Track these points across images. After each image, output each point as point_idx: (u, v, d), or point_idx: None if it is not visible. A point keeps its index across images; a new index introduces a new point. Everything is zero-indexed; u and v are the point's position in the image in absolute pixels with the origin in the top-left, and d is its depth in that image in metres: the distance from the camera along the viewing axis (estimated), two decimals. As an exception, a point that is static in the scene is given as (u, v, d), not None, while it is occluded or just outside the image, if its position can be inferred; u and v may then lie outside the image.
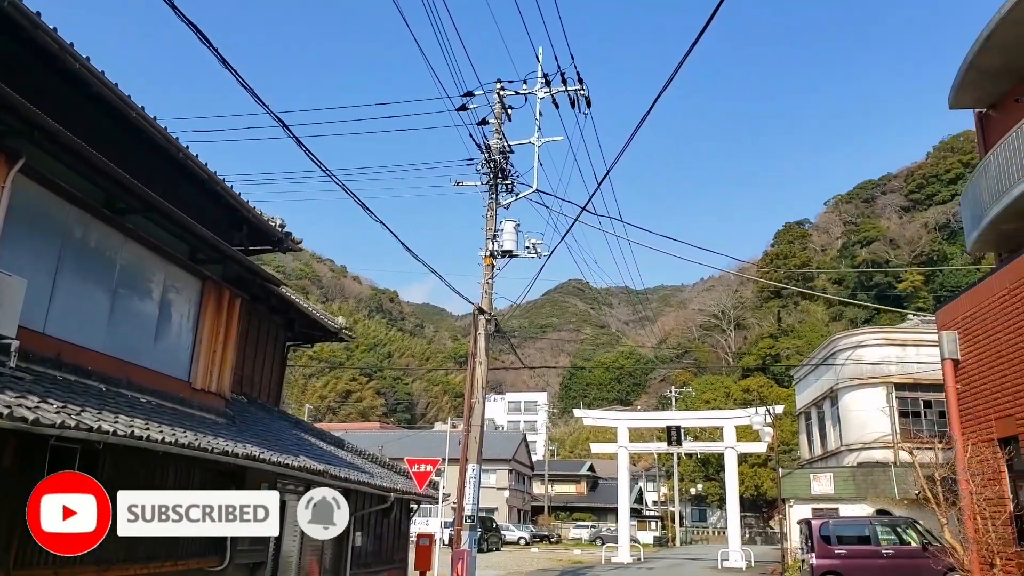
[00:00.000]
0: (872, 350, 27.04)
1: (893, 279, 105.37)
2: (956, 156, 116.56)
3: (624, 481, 36.35)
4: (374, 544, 16.38)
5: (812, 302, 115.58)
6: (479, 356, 19.88)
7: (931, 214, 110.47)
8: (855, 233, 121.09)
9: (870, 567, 17.50)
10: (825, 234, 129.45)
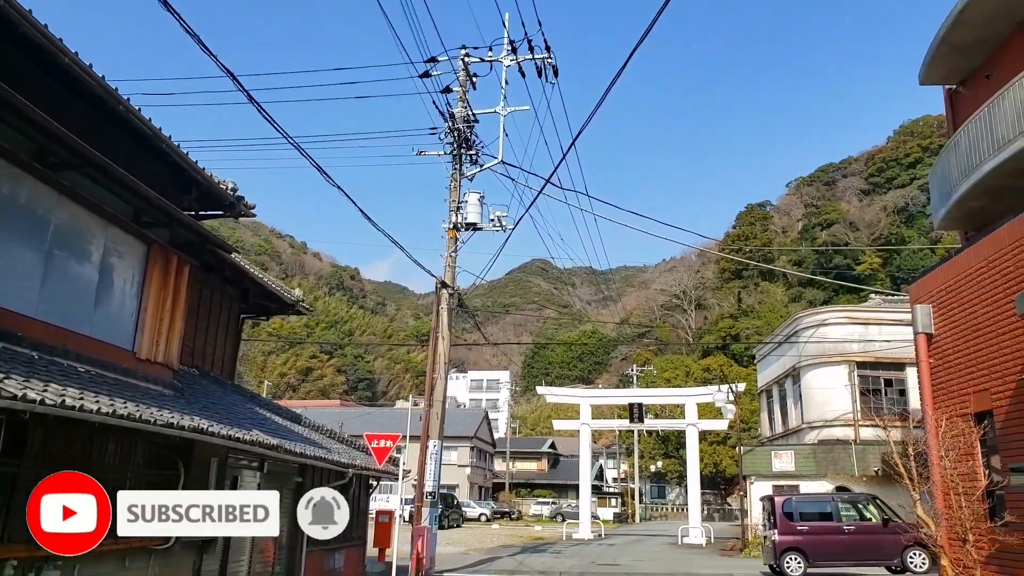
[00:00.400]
0: (835, 328, 27.13)
1: (852, 261, 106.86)
2: (916, 140, 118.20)
3: (586, 458, 36.30)
4: (331, 521, 15.91)
5: (772, 283, 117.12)
6: (441, 331, 19.45)
7: (890, 197, 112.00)
8: (816, 215, 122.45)
9: (832, 543, 17.51)
10: (786, 216, 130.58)
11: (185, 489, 9.69)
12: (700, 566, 21.91)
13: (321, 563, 15.29)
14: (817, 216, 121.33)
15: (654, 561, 23.56)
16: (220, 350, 16.24)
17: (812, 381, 27.50)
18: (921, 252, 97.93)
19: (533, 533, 38.88)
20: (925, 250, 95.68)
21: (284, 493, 13.73)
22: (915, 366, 26.51)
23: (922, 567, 17.23)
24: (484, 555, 24.48)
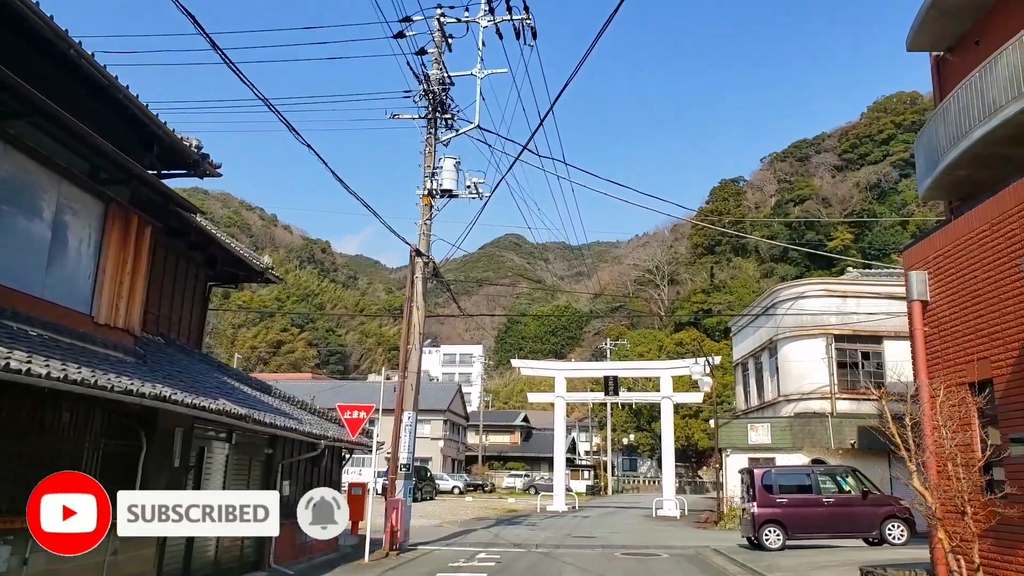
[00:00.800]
0: (813, 301, 26.99)
1: (824, 237, 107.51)
2: (889, 117, 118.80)
3: (560, 431, 36.10)
4: (303, 494, 15.42)
5: (744, 258, 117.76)
6: (416, 301, 18.96)
7: (863, 174, 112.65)
8: (789, 191, 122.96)
9: (811, 515, 17.39)
10: (759, 192, 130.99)
11: (147, 460, 9.19)
12: (676, 538, 21.79)
13: (293, 536, 14.82)
14: (790, 192, 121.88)
15: (629, 533, 23.44)
16: (186, 318, 15.62)
17: (789, 354, 27.40)
18: (892, 228, 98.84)
19: (507, 505, 38.75)
20: (896, 226, 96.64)
21: (254, 464, 13.27)
22: (893, 339, 26.58)
23: (900, 539, 17.20)
24: (459, 528, 24.21)
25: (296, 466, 14.97)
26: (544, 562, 15.28)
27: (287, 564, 14.08)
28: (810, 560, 15.09)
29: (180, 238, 14.46)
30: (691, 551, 18.04)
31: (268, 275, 17.64)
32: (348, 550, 17.24)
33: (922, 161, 17.84)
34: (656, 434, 78.21)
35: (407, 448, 18.20)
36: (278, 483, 13.81)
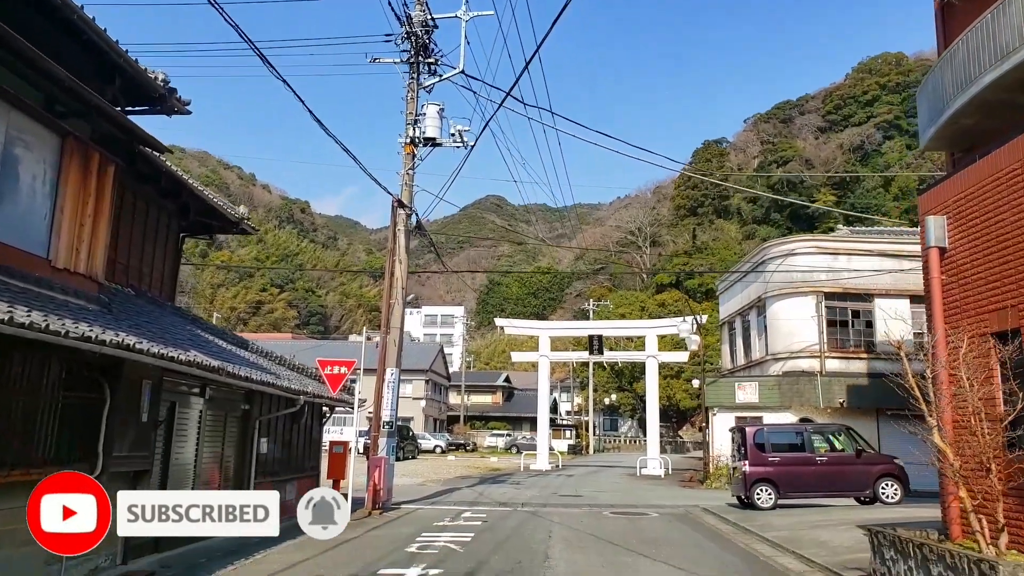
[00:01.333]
0: (803, 258, 26.52)
1: (807, 199, 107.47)
2: (874, 78, 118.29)
3: (544, 390, 35.74)
4: (282, 452, 14.89)
5: (726, 220, 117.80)
6: (399, 254, 18.26)
7: (846, 135, 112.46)
8: (772, 152, 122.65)
9: (803, 474, 17.06)
10: (742, 153, 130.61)
11: (111, 414, 8.52)
12: (663, 497, 21.51)
13: (271, 496, 14.32)
14: (773, 153, 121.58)
15: (615, 492, 23.15)
16: (158, 269, 14.86)
17: (778, 312, 26.99)
18: (875, 190, 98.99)
19: (490, 464, 38.49)
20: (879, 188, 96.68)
21: (230, 421, 12.63)
22: (884, 297, 26.24)
23: (893, 498, 16.93)
24: (442, 486, 23.81)
25: (275, 423, 14.37)
26: (531, 521, 14.85)
27: (265, 524, 13.55)
28: (805, 519, 14.76)
29: (150, 184, 13.65)
30: (680, 510, 17.72)
31: (244, 225, 16.84)
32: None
33: (925, 110, 17.24)
34: (638, 394, 78.65)
35: (390, 405, 17.64)
36: (255, 440, 13.21)
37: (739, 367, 31.45)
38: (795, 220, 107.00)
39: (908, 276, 26.17)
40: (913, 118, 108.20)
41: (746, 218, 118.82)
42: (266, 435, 13.87)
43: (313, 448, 16.95)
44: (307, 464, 16.50)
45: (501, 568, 9.48)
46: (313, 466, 16.98)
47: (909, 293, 26.20)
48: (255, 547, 10.81)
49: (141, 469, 9.05)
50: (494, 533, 12.86)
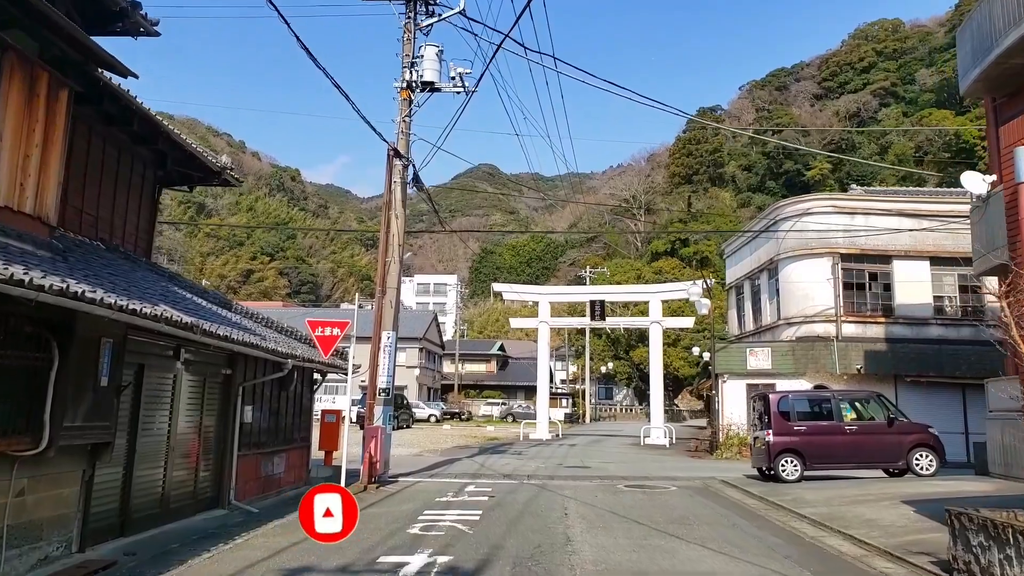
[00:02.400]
0: (818, 218, 25.23)
1: (802, 166, 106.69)
2: (871, 44, 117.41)
3: (544, 358, 34.56)
4: (269, 421, 13.59)
5: (721, 188, 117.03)
6: (395, 208, 16.87)
7: (842, 102, 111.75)
8: (767, 120, 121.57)
9: (831, 444, 15.88)
10: (737, 120, 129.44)
11: (60, 378, 7.17)
12: (675, 468, 20.38)
13: (258, 468, 13.06)
14: (768, 120, 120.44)
15: (624, 463, 22.01)
16: (132, 222, 13.43)
17: (792, 274, 25.74)
18: (872, 158, 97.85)
19: (487, 434, 37.39)
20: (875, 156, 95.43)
21: (209, 386, 11.30)
22: (903, 258, 25.02)
23: (928, 469, 15.79)
24: (440, 457, 22.63)
25: (260, 389, 13.05)
26: (542, 496, 13.65)
27: (251, 500, 12.30)
28: (839, 494, 13.59)
29: (121, 127, 12.17)
30: (697, 483, 16.56)
31: (226, 175, 15.35)
32: (321, 483, 15.56)
33: (967, 50, 15.86)
34: (634, 362, 77.77)
35: (386, 371, 16.36)
36: (238, 408, 11.90)
37: (747, 333, 30.27)
38: (790, 188, 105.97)
39: (928, 237, 24.96)
40: (909, 85, 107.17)
41: (741, 186, 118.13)
42: (251, 403, 12.56)
43: (303, 417, 15.67)
44: (297, 434, 15.23)
45: (519, 554, 8.25)
46: (303, 436, 15.72)
47: (929, 254, 25.03)
48: (237, 529, 9.56)
49: (100, 442, 7.72)
50: (504, 510, 11.63)
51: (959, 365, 23.38)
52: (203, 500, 11.00)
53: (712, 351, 25.45)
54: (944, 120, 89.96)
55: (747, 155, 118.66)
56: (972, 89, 16.04)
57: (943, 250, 24.82)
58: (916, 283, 24.67)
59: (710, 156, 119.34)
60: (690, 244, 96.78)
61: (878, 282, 25.23)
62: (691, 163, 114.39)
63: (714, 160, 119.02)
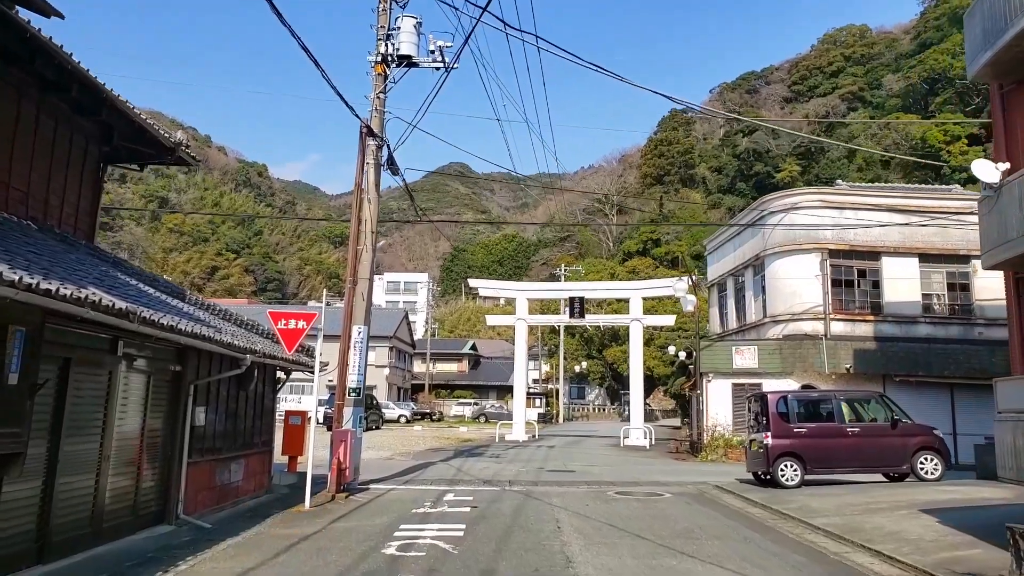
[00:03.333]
0: (806, 213, 24.33)
1: (772, 168, 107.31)
2: (839, 49, 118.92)
3: (521, 356, 33.36)
4: (226, 423, 12.24)
5: (692, 189, 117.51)
6: (367, 191, 15.58)
7: (812, 105, 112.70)
8: (738, 122, 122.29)
9: (833, 447, 14.88)
10: (708, 123, 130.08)
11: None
12: (663, 472, 19.32)
13: (212, 475, 11.70)
14: (739, 123, 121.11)
15: (608, 466, 20.89)
16: (71, 202, 12.02)
17: (779, 270, 24.82)
18: (840, 160, 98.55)
19: (460, 435, 36.14)
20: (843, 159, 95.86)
21: (155, 385, 9.95)
22: (892, 255, 24.20)
23: (933, 473, 14.86)
24: (413, 460, 21.34)
25: (215, 389, 11.70)
26: (529, 506, 12.46)
27: (203, 513, 10.96)
28: (847, 501, 12.57)
29: (59, 95, 10.78)
30: (690, 488, 15.50)
31: (181, 153, 13.96)
32: (285, 491, 14.27)
33: (978, 32, 14.90)
34: (607, 362, 76.91)
35: (357, 369, 15.07)
36: (189, 410, 10.55)
37: (730, 331, 29.35)
38: (760, 190, 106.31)
39: (917, 233, 24.21)
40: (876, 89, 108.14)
41: (711, 187, 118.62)
42: (204, 403, 11.21)
43: (265, 419, 14.32)
44: (257, 438, 13.87)
45: (514, 580, 7.05)
46: (265, 440, 14.36)
47: (918, 251, 24.27)
48: (182, 551, 8.24)
49: (6, 452, 6.36)
50: (490, 524, 10.43)
51: (947, 365, 22.67)
52: (146, 515, 9.65)
53: (697, 349, 24.45)
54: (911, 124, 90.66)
55: (718, 157, 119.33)
56: (981, 72, 15.11)
57: (932, 247, 24.09)
58: (905, 280, 23.90)
59: (681, 157, 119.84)
60: (662, 244, 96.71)
61: (867, 279, 24.41)
62: (662, 164, 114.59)
63: (685, 161, 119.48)
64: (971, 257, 24.02)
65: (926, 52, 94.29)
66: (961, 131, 79.82)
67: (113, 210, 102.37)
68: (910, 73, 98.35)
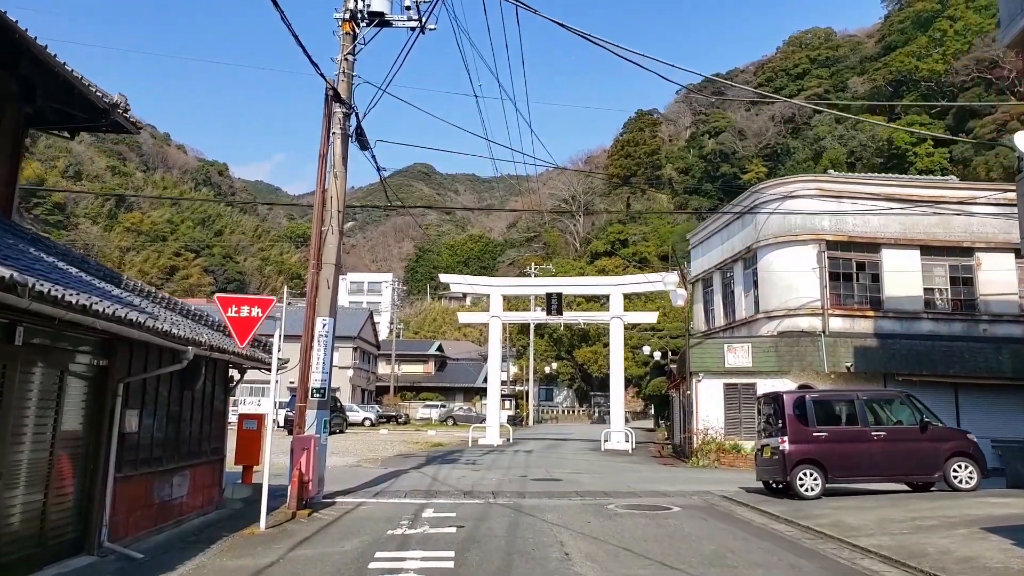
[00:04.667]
0: (803, 202, 22.95)
1: (738, 169, 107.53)
2: (804, 52, 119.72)
3: (496, 355, 31.59)
4: (167, 429, 10.33)
5: (658, 190, 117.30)
6: (334, 165, 13.75)
7: (778, 107, 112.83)
8: (704, 123, 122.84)
9: (857, 453, 13.37)
10: (673, 125, 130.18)
11: None
12: (657, 480, 17.74)
13: (148, 492, 9.78)
14: (705, 124, 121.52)
15: (595, 474, 19.23)
16: (-18, 169, 10.11)
17: (773, 263, 23.40)
18: (805, 162, 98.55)
19: (429, 439, 34.27)
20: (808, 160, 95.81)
21: (70, 382, 8.01)
22: (892, 247, 22.92)
23: (968, 483, 13.43)
24: (383, 468, 19.47)
25: (153, 389, 9.79)
26: (522, 523, 10.73)
27: (136, 537, 9.06)
28: (885, 516, 11.05)
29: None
30: (696, 499, 13.89)
31: (117, 117, 11.96)
32: (239, 506, 12.34)
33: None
34: (577, 362, 75.42)
35: (322, 367, 13.24)
36: (117, 412, 8.65)
37: (716, 329, 27.89)
38: (727, 192, 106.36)
39: (918, 224, 22.98)
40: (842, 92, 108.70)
41: (678, 188, 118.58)
42: (139, 406, 9.31)
43: (216, 424, 12.37)
44: (206, 446, 11.94)
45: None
46: (215, 448, 12.41)
47: (920, 243, 23.03)
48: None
49: None
50: (483, 549, 8.68)
51: (952, 363, 21.42)
52: (58, 544, 7.74)
53: (687, 347, 22.91)
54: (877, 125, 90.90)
55: (684, 158, 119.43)
56: (1015, 41, 13.77)
57: (934, 239, 22.86)
58: (906, 273, 22.63)
59: (648, 159, 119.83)
60: (630, 244, 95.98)
61: (866, 272, 23.09)
62: (629, 164, 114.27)
63: (651, 162, 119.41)
64: (974, 249, 22.87)
65: (892, 55, 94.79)
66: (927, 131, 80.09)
67: (73, 193, 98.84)
68: (875, 75, 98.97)
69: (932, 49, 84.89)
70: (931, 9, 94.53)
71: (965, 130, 78.85)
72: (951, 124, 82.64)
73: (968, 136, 73.84)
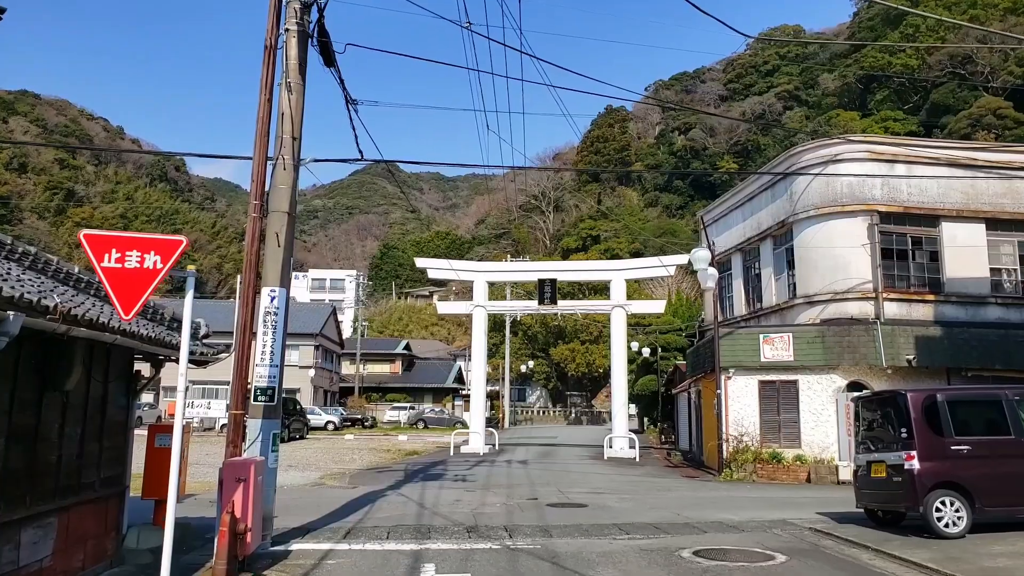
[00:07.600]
0: (851, 166, 19.41)
1: (709, 166, 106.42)
2: (774, 48, 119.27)
3: (480, 351, 27.59)
4: (21, 456, 6.32)
5: (628, 187, 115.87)
6: (288, 73, 9.80)
7: (748, 104, 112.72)
8: (674, 119, 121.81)
9: (1014, 474, 9.75)
10: (643, 121, 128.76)
11: None
12: (698, 502, 14.04)
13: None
14: (675, 120, 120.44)
15: (622, 494, 15.37)
16: None
17: (814, 238, 19.81)
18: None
19: (401, 446, 30.24)
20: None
21: None
22: (954, 219, 19.46)
23: None
24: (352, 488, 15.46)
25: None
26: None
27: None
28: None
29: None
30: (785, 536, 10.18)
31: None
32: (146, 559, 8.30)
33: None
34: (553, 361, 71.82)
35: (270, 357, 9.27)
36: None
37: (739, 317, 24.27)
38: (697, 189, 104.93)
39: (983, 194, 19.62)
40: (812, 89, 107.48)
41: (647, 186, 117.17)
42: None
43: (109, 441, 8.32)
44: (91, 475, 7.88)
45: None
46: (109, 478, 8.34)
47: (985, 215, 19.66)
48: None
49: None
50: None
51: (1030, 355, 18.00)
52: None
53: (715, 338, 19.19)
54: (851, 121, 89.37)
55: (654, 155, 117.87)
56: None
57: (1002, 211, 19.50)
58: (969, 250, 19.26)
59: (617, 155, 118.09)
60: (602, 241, 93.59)
61: (923, 249, 19.64)
62: (599, 161, 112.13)
63: (621, 159, 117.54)
64: (1049, 223, 19.59)
65: (863, 51, 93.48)
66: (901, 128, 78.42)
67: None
68: (846, 72, 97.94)
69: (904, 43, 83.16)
70: (902, 3, 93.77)
71: (939, 125, 77.29)
72: (924, 120, 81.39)
73: (942, 132, 72.08)
